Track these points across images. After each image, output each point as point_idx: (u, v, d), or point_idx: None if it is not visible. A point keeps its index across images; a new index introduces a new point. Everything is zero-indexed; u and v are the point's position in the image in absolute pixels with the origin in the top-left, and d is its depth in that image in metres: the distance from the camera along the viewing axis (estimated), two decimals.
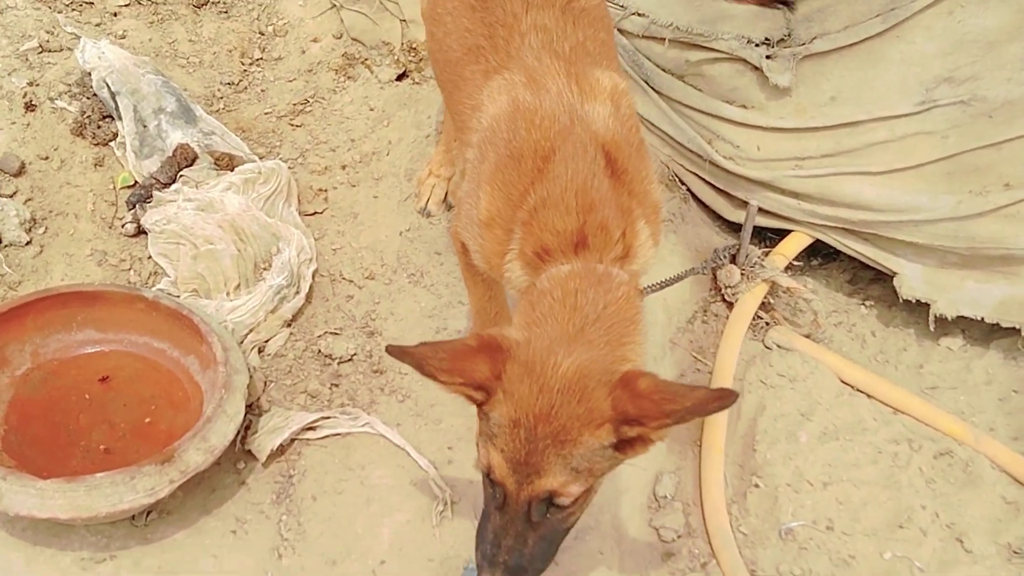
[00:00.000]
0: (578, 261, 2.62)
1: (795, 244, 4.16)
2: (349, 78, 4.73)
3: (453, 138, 4.02)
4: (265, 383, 3.51)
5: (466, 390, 2.43)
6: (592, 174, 2.65)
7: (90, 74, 4.08)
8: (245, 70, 4.75)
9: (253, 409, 3.39)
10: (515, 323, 2.65)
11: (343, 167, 4.33)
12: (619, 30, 4.37)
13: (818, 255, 4.33)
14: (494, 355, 2.44)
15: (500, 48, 2.97)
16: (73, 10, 4.61)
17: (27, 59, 4.19)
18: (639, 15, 4.31)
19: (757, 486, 3.41)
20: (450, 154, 4.11)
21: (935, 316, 3.91)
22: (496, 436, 2.43)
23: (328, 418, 3.38)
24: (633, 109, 2.92)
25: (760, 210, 4.05)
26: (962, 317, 3.90)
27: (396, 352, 2.44)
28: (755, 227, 4.01)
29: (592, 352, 2.45)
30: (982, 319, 3.87)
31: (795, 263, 4.16)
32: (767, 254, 4.07)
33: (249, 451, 3.28)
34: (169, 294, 3.57)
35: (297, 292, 3.76)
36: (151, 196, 3.84)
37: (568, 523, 2.59)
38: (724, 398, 2.33)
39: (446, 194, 4.17)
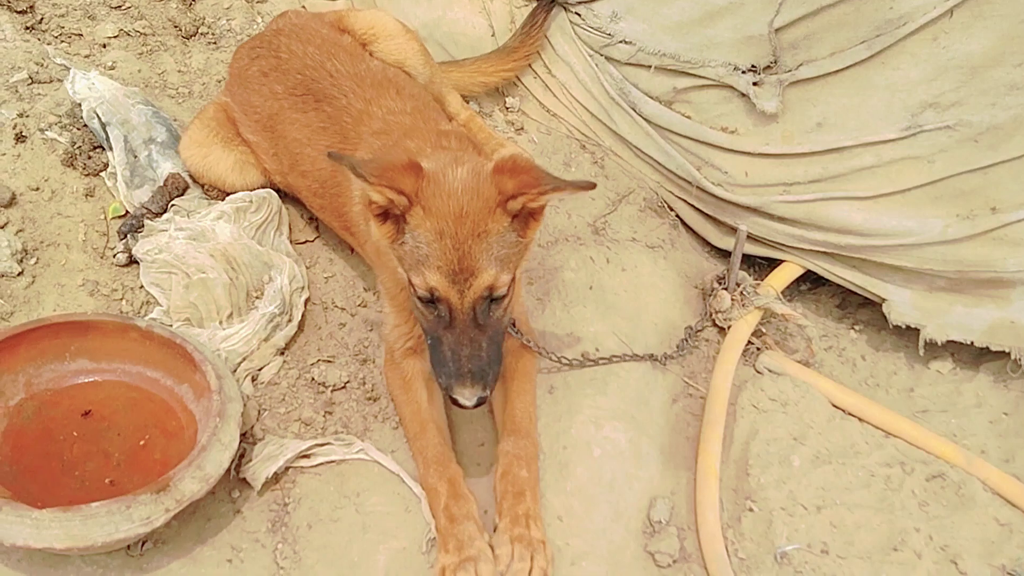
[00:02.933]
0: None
1: (784, 275, 4.19)
2: None
3: None
4: (259, 411, 3.51)
5: (391, 193, 2.83)
6: None
7: (80, 105, 4.08)
8: None
9: (247, 437, 3.38)
10: None
11: None
12: (606, 58, 4.42)
13: (807, 280, 4.36)
14: (416, 173, 2.86)
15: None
16: (62, 42, 4.62)
17: (17, 90, 4.20)
18: (626, 43, 4.36)
19: (751, 510, 3.42)
20: None
21: (925, 341, 3.94)
22: (428, 256, 2.85)
23: (322, 445, 3.37)
24: None
25: (749, 237, 4.07)
26: (952, 341, 3.92)
27: (336, 156, 2.90)
28: (744, 254, 4.04)
29: (472, 158, 3.02)
30: (972, 343, 3.90)
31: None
32: (758, 282, 4.09)
33: (244, 480, 3.27)
34: (162, 323, 3.56)
35: (290, 320, 3.76)
36: (142, 226, 3.84)
37: (506, 319, 3.08)
38: (588, 186, 2.87)
39: None
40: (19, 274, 3.70)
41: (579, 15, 4.52)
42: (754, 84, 4.08)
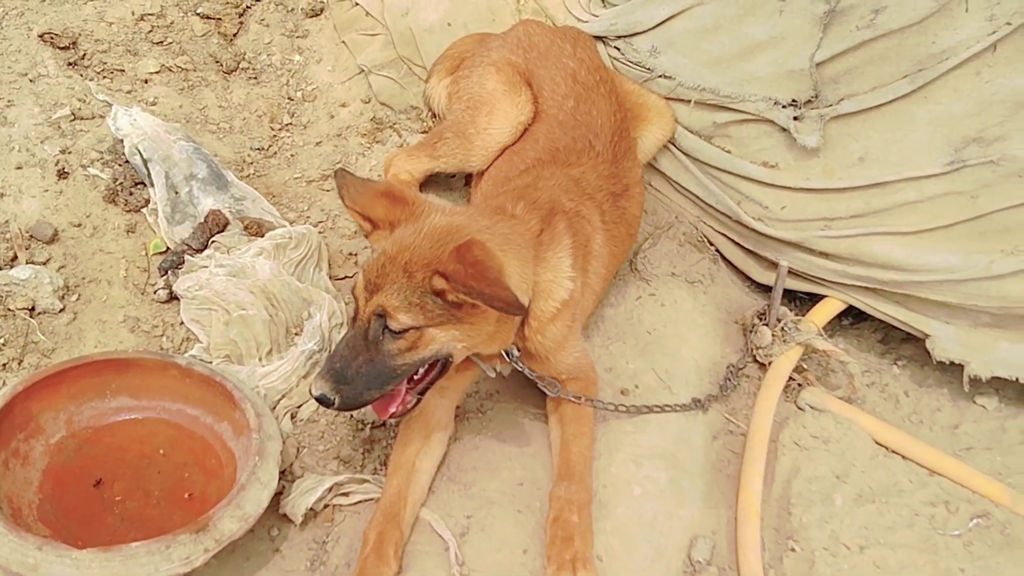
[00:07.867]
0: None
1: (826, 311, 4.16)
2: (377, 142, 4.76)
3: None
4: (298, 449, 3.50)
5: (356, 217, 3.15)
6: None
7: (122, 141, 4.11)
8: (275, 135, 4.78)
9: (286, 475, 3.37)
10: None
11: None
12: None
13: (848, 316, 4.32)
14: (394, 203, 3.12)
15: None
16: (104, 78, 4.65)
17: (59, 127, 4.23)
18: (666, 77, 4.36)
19: (794, 550, 3.38)
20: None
21: (969, 377, 3.89)
22: (367, 261, 3.03)
23: (362, 482, 3.37)
24: None
25: (790, 272, 4.04)
26: (997, 377, 3.87)
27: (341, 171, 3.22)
28: (785, 289, 4.01)
29: (464, 221, 3.12)
30: (1017, 379, 3.85)
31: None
32: (799, 318, 4.05)
33: (283, 517, 3.27)
34: (202, 360, 3.57)
35: None
36: (183, 262, 3.86)
37: (395, 362, 3.02)
38: (512, 310, 2.88)
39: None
40: (61, 310, 3.73)
41: (618, 49, 4.52)
42: (795, 119, 4.06)
